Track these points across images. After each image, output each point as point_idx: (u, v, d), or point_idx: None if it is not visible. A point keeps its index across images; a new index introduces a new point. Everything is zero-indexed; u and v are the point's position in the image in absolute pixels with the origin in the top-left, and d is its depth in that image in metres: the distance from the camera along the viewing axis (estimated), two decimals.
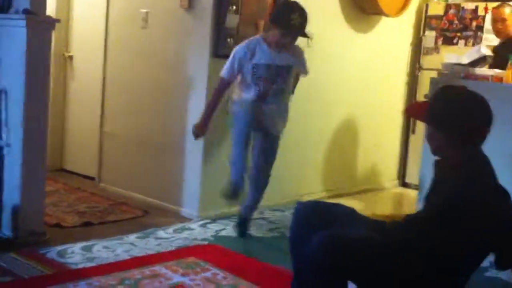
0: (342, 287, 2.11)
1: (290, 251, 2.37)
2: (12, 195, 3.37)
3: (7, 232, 3.38)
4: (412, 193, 5.25)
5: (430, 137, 2.20)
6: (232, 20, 4.08)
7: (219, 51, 4.06)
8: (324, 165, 5.10)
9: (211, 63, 4.05)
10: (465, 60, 4.21)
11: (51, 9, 4.43)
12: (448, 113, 2.13)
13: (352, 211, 2.39)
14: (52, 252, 3.23)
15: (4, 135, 3.37)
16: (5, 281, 2.80)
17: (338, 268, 2.02)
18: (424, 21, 5.65)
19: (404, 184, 5.82)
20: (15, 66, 3.32)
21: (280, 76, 3.63)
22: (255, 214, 4.04)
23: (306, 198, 4.72)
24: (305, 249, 2.16)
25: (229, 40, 4.11)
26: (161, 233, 3.74)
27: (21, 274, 2.89)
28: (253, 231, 3.93)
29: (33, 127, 3.34)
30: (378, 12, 5.10)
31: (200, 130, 3.73)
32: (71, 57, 5.28)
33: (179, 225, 3.93)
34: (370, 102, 5.36)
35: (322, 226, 2.20)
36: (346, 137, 5.24)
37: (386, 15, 5.16)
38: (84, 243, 3.40)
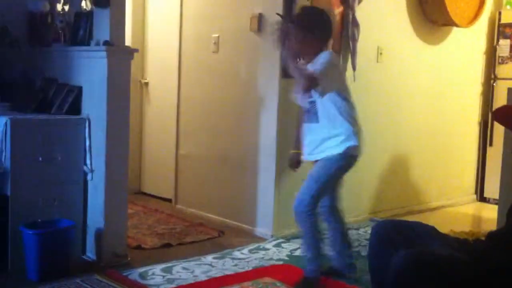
0: None
1: (369, 269, 2.35)
2: (96, 219, 3.53)
3: (91, 254, 3.54)
4: (492, 208, 5.06)
5: None
6: None
7: (288, 72, 4.11)
8: (398, 181, 5.02)
9: (281, 83, 4.11)
10: None
11: (127, 38, 4.63)
12: None
13: (432, 228, 2.35)
14: (135, 274, 3.35)
15: (88, 161, 3.54)
16: None
17: (425, 286, 1.99)
18: (497, 30, 5.50)
19: (483, 199, 5.63)
20: (97, 95, 3.50)
21: None
22: None
23: (379, 216, 4.68)
24: (387, 267, 2.14)
25: (298, 60, 4.15)
26: (237, 253, 3.80)
27: None
28: (329, 250, 3.91)
29: (115, 153, 3.49)
30: (449, 23, 5.01)
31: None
32: (146, 84, 5.49)
33: (254, 245, 3.97)
34: (444, 114, 5.26)
35: (403, 244, 2.18)
36: (420, 151, 5.15)
37: (458, 26, 5.06)
38: (164, 265, 3.50)
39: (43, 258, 3.19)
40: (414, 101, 5.01)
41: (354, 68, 4.44)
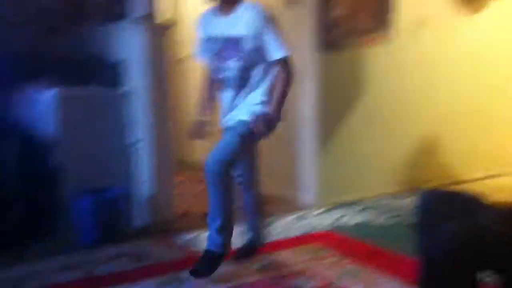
0: (473, 277, 2.08)
1: (416, 239, 2.36)
2: (144, 187, 3.62)
3: (140, 221, 3.65)
4: None
5: None
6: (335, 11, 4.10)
7: (326, 43, 4.11)
8: (443, 151, 4.97)
9: (319, 54, 4.10)
10: None
11: (164, 13, 4.67)
12: None
13: (478, 197, 2.34)
14: (182, 239, 3.44)
15: (134, 132, 3.62)
16: (145, 265, 3.03)
17: (474, 257, 2.00)
18: None
19: None
20: (138, 68, 3.57)
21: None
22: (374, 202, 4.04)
23: (424, 186, 4.66)
24: (433, 238, 2.15)
25: (336, 31, 4.14)
26: (281, 221, 3.85)
27: (157, 259, 3.12)
28: (374, 218, 3.94)
29: (160, 123, 3.58)
30: None
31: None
32: (182, 59, 5.53)
33: (299, 213, 4.02)
34: (488, 84, 5.16)
35: (451, 214, 2.18)
36: (464, 122, 5.08)
37: None
38: None
39: (96, 224, 3.31)
40: (456, 70, 4.92)
41: (395, 36, 4.41)
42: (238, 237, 3.05)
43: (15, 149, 3.31)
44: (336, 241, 3.46)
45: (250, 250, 3.08)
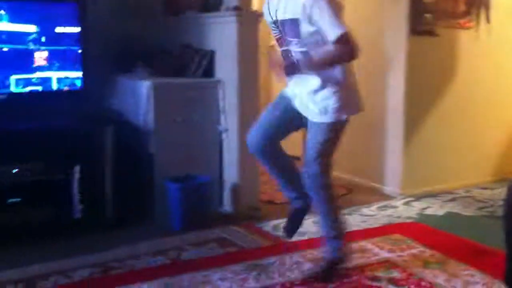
0: None
1: (505, 231, 2.31)
2: (231, 175, 3.76)
3: (227, 207, 3.79)
4: None
5: None
6: None
7: (416, 29, 4.04)
8: None
9: (409, 40, 4.04)
10: None
11: (254, 3, 4.76)
12: None
13: None
14: (267, 226, 3.54)
15: (222, 121, 3.76)
16: (231, 251, 3.15)
17: None
18: None
19: None
20: (229, 59, 3.68)
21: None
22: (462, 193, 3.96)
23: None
24: None
25: (427, 16, 4.06)
26: (365, 210, 3.87)
27: (243, 245, 3.24)
28: (461, 210, 3.87)
29: (247, 113, 3.67)
30: None
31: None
32: (272, 46, 5.60)
33: (383, 203, 4.02)
34: None
35: None
36: None
37: None
38: None
39: (185, 209, 3.47)
40: None
41: (488, 21, 4.26)
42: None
43: (111, 136, 3.50)
44: (420, 232, 3.44)
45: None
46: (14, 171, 3.26)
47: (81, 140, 3.36)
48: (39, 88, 3.47)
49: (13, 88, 3.39)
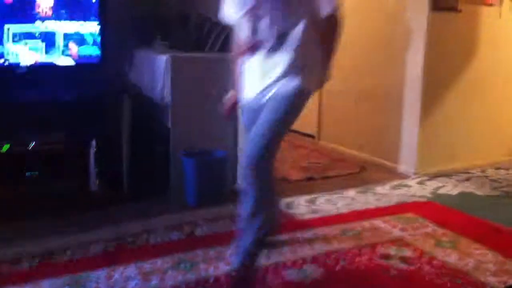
0: None
1: None
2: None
3: (242, 184, 3.81)
4: None
5: None
6: None
7: (439, 4, 3.99)
8: None
9: (430, 16, 3.99)
10: None
11: None
12: None
13: None
14: (281, 203, 3.56)
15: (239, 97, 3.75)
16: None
17: None
18: None
19: None
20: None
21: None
22: (476, 172, 3.94)
23: None
24: None
25: None
26: (379, 189, 3.87)
27: None
28: (475, 189, 3.86)
29: None
30: None
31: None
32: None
33: (397, 182, 4.02)
34: None
35: None
36: None
37: None
38: (308, 196, 3.69)
39: (201, 184, 3.50)
40: None
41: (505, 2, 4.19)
42: None
43: (128, 110, 3.52)
44: (433, 211, 3.44)
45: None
46: (31, 144, 3.31)
47: (98, 114, 3.39)
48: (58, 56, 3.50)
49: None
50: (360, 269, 2.65)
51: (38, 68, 3.46)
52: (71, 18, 3.50)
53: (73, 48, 3.55)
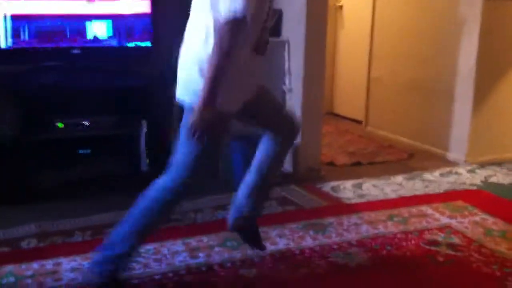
0: None
1: None
2: None
3: (288, 167, 3.82)
4: None
5: None
6: None
7: None
8: None
9: (484, 5, 3.89)
10: None
11: None
12: None
13: None
14: (327, 187, 3.57)
15: (287, 82, 3.77)
16: (291, 209, 3.21)
17: None
18: None
19: None
20: (296, 18, 3.66)
21: None
22: None
23: None
24: None
25: None
26: (427, 176, 3.82)
27: (302, 204, 3.28)
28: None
29: (312, 73, 3.66)
30: None
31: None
32: (341, 7, 5.53)
33: (446, 169, 3.95)
34: None
35: None
36: None
37: None
38: (354, 181, 3.67)
39: (245, 168, 3.52)
40: None
41: None
42: None
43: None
44: (483, 199, 3.37)
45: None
46: (85, 123, 3.41)
47: (148, 97, 3.46)
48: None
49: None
50: (407, 254, 2.64)
51: (93, 52, 3.52)
52: None
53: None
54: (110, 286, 2.18)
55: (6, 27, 3.25)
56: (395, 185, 3.62)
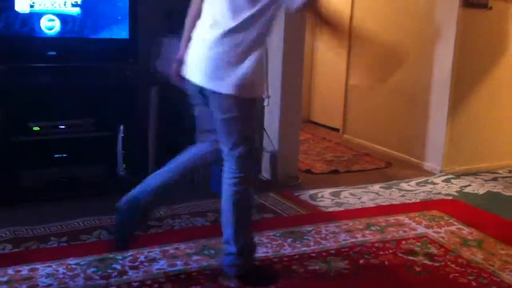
0: None
1: None
2: (272, 142, 3.77)
3: (266, 174, 3.82)
4: None
5: None
6: None
7: (469, 0, 3.94)
8: None
9: (460, 13, 3.95)
10: None
11: None
12: None
13: None
14: (305, 195, 3.57)
15: (265, 88, 3.76)
16: (269, 217, 3.19)
17: None
18: None
19: None
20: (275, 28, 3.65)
21: None
22: (504, 172, 3.90)
23: None
24: None
25: None
26: (404, 185, 3.85)
27: (281, 212, 3.27)
28: (502, 189, 3.82)
29: (290, 81, 3.67)
30: None
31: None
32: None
33: (422, 179, 3.99)
34: None
35: None
36: None
37: None
38: (332, 189, 3.68)
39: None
40: None
41: None
42: None
43: (156, 96, 3.53)
44: (459, 209, 3.41)
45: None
46: (61, 127, 3.35)
47: (127, 99, 3.42)
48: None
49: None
50: (385, 264, 2.64)
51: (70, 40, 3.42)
52: None
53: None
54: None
55: None
56: (372, 194, 3.64)
